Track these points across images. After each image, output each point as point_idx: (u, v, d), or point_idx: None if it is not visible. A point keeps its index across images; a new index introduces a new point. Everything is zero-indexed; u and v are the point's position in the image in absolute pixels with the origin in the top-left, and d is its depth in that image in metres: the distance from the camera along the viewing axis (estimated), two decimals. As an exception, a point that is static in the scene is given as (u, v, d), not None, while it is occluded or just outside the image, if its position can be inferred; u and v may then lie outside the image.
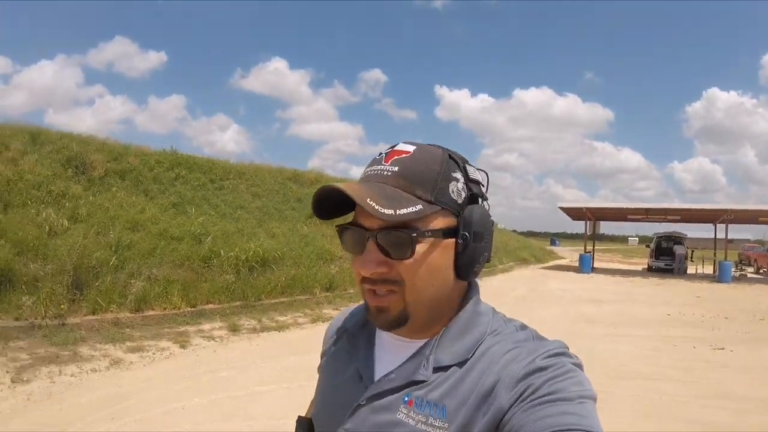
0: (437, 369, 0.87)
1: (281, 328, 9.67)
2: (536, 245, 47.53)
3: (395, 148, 0.91)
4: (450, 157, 0.91)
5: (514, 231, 58.32)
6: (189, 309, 9.59)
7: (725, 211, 26.60)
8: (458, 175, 0.90)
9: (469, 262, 0.89)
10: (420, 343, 0.92)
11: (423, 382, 0.87)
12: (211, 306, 9.94)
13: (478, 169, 0.95)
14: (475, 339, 0.89)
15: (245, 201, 15.76)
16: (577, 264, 30.48)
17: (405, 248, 0.84)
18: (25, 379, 6.11)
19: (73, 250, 9.30)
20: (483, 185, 0.94)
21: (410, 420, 0.84)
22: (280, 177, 18.98)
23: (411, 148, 0.90)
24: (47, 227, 10.13)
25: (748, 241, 46.18)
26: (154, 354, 7.42)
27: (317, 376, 1.09)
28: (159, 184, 14.19)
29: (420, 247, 0.85)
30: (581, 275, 26.96)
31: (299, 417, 1.03)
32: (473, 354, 0.87)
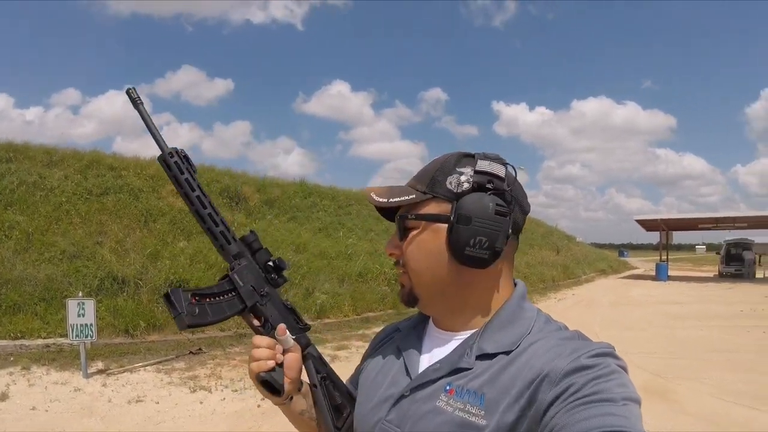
0: (480, 357, 0.90)
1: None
2: (611, 257, 48.58)
3: None
4: (466, 156, 0.97)
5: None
6: (356, 316, 11.55)
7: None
8: (465, 169, 0.94)
9: (456, 243, 0.91)
10: (464, 335, 0.96)
11: (466, 369, 0.90)
12: (371, 314, 11.85)
13: (505, 165, 0.96)
14: (519, 332, 0.91)
15: (372, 224, 17.59)
16: (652, 273, 31.65)
17: (401, 231, 0.97)
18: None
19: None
20: (497, 177, 0.93)
21: (449, 407, 0.87)
22: (392, 201, 20.68)
23: (436, 158, 1.01)
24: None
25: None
26: (357, 350, 9.14)
27: None
28: (302, 212, 16.32)
29: (413, 232, 0.95)
30: (659, 283, 28.07)
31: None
32: (517, 347, 0.89)
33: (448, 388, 0.89)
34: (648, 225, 33.83)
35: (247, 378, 7.24)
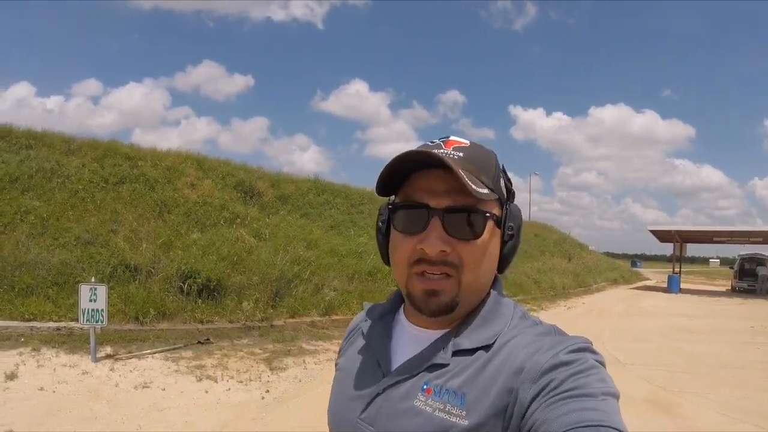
0: (457, 353, 0.86)
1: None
2: (623, 267, 48.19)
3: (451, 138, 0.92)
4: None
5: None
6: (363, 315, 11.65)
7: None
8: (501, 173, 0.92)
9: (511, 254, 0.91)
10: (439, 333, 0.91)
11: (442, 365, 0.86)
12: (380, 313, 11.91)
13: None
14: (496, 329, 0.88)
15: (383, 223, 17.68)
16: (664, 285, 31.10)
17: (475, 229, 0.85)
18: (281, 366, 7.63)
19: (271, 264, 11.47)
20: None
21: (427, 408, 0.83)
22: (405, 202, 20.92)
23: (467, 141, 0.91)
24: (242, 244, 12.34)
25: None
26: (364, 349, 9.23)
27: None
28: (314, 209, 16.43)
29: (486, 232, 0.86)
30: (670, 295, 27.64)
31: None
32: (494, 343, 0.86)
33: (425, 387, 0.85)
34: (662, 236, 33.36)
35: (252, 369, 7.38)
